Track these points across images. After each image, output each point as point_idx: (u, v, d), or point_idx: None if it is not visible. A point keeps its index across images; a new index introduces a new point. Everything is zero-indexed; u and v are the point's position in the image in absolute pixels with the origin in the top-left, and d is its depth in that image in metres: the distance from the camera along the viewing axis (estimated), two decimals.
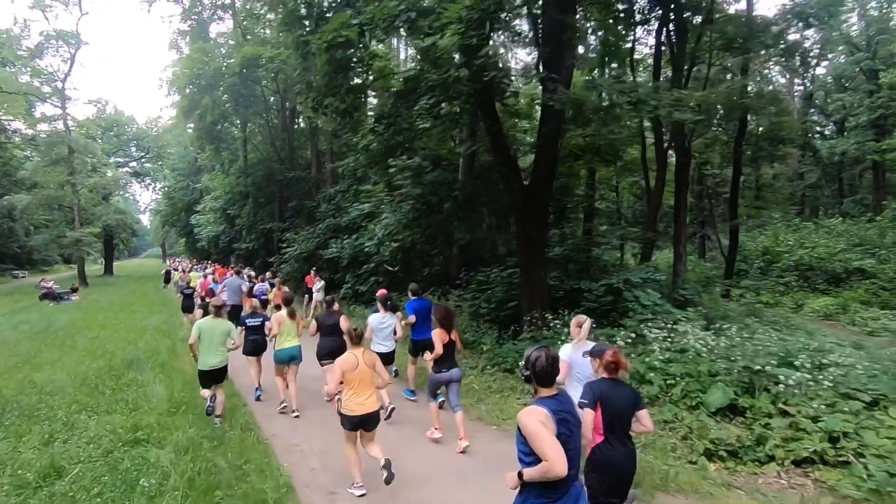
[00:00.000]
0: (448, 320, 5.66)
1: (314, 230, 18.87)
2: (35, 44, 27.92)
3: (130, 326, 13.61)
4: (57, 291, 21.10)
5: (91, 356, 9.80)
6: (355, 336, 4.65)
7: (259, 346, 7.46)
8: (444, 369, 5.58)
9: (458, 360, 5.86)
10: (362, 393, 4.44)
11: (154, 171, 49.35)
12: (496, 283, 11.92)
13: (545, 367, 2.68)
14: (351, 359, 4.47)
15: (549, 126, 8.58)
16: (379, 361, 4.72)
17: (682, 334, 7.23)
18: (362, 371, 4.45)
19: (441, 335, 5.53)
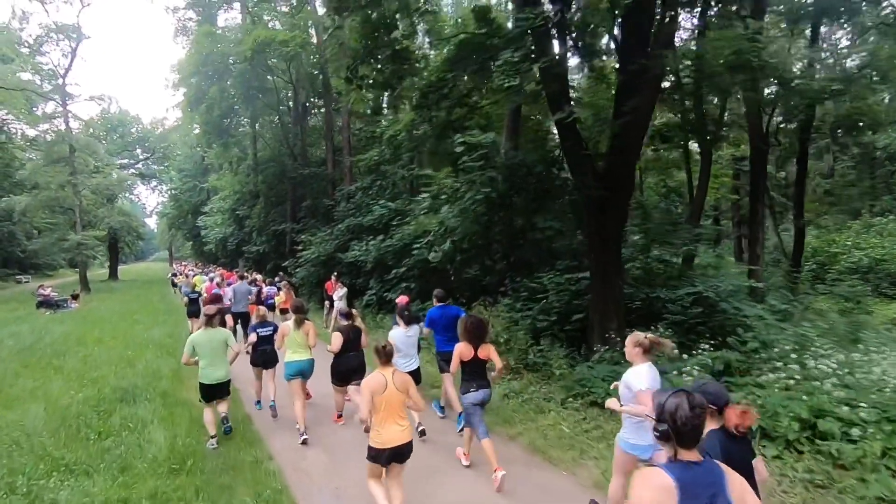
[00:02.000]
0: (474, 333, 4.80)
1: (332, 231, 17.20)
2: (34, 37, 26.50)
3: (130, 340, 11.98)
4: (55, 299, 19.59)
5: (79, 382, 8.16)
6: (384, 354, 3.97)
7: (269, 358, 6.82)
8: (473, 388, 4.78)
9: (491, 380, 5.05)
10: (392, 421, 3.79)
11: (160, 173, 48.09)
12: (552, 290, 10.22)
13: (689, 418, 2.02)
14: (379, 380, 3.81)
15: (641, 95, 6.83)
16: (412, 385, 4.01)
17: (851, 364, 5.46)
18: (392, 395, 3.79)
19: (463, 350, 4.75)
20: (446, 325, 6.34)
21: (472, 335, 4.78)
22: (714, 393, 2.76)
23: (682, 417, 2.04)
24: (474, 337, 4.79)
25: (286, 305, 11.57)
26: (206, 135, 22.26)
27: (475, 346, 4.78)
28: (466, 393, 4.81)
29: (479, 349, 4.80)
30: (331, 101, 19.48)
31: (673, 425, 2.05)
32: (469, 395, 4.79)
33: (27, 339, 12.36)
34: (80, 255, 27.49)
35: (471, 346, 4.76)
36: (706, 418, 2.17)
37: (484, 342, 4.87)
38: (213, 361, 5.63)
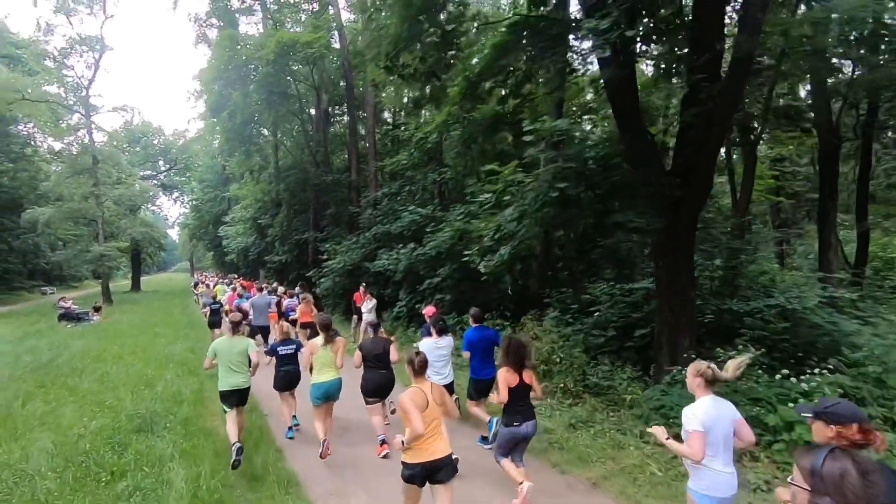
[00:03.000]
0: (518, 356, 4.38)
1: (357, 239, 16.44)
2: (59, 49, 26.53)
3: (150, 357, 11.31)
4: (76, 312, 19.16)
5: (93, 407, 7.43)
6: (419, 365, 3.73)
7: (293, 379, 6.42)
8: (518, 421, 4.31)
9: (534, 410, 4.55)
10: (430, 435, 3.50)
11: (182, 184, 48.26)
12: (605, 302, 9.25)
13: (861, 491, 1.52)
14: (419, 395, 3.56)
15: (728, 79, 5.87)
16: (447, 395, 3.80)
17: None
18: (432, 410, 3.56)
19: (508, 376, 4.33)
20: (485, 350, 5.93)
21: (515, 358, 4.34)
22: (848, 415, 2.29)
23: (853, 490, 1.54)
24: (518, 360, 4.34)
25: (305, 319, 11.30)
26: (227, 142, 21.82)
27: (520, 371, 4.34)
28: (511, 426, 4.30)
29: (524, 374, 4.35)
30: (354, 105, 18.85)
31: (842, 500, 1.54)
32: (514, 428, 4.29)
33: (45, 355, 11.79)
34: (103, 267, 27.28)
35: (515, 370, 4.32)
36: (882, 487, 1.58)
37: (526, 366, 4.41)
38: (231, 368, 5.50)
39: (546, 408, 7.15)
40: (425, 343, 5.82)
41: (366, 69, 18.15)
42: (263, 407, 7.60)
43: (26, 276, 42.63)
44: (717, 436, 2.99)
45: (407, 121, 16.93)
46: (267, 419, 7.13)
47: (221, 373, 5.52)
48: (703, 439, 2.95)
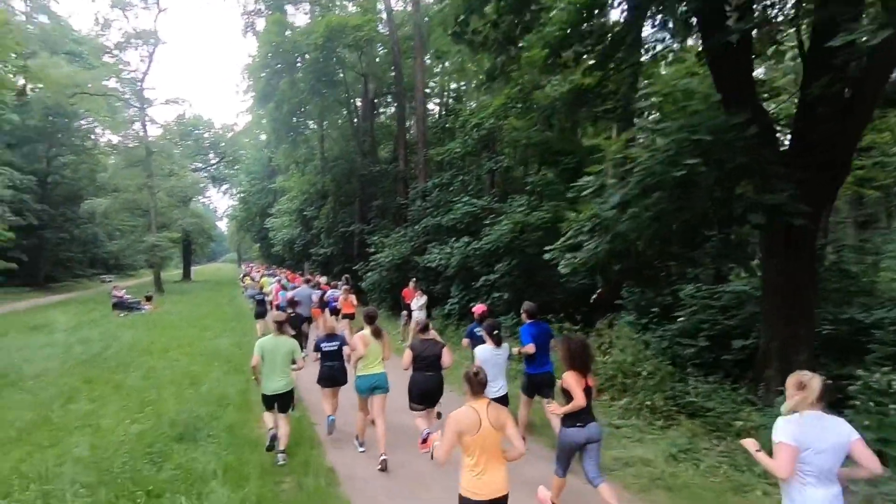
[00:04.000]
0: (583, 358, 4.11)
1: (406, 232, 15.73)
2: (115, 43, 27.14)
3: (197, 351, 10.98)
4: (128, 301, 19.42)
5: (137, 407, 6.98)
6: (477, 383, 3.15)
7: (337, 376, 6.12)
8: (579, 423, 4.02)
9: None
10: (488, 467, 3.03)
11: (230, 177, 49.24)
12: (691, 306, 8.08)
13: None
14: (470, 416, 3.04)
15: None
16: (510, 422, 3.17)
17: None
18: (487, 435, 3.02)
19: (576, 380, 4.01)
20: (541, 345, 5.62)
21: (580, 360, 4.04)
22: None
23: None
24: (582, 362, 4.06)
25: (347, 310, 11.27)
26: (274, 132, 21.59)
27: (584, 374, 4.04)
28: (571, 428, 4.01)
29: (588, 376, 4.07)
30: (403, 92, 18.11)
31: None
32: (573, 430, 4.00)
33: (95, 346, 11.67)
34: (155, 257, 27.91)
35: (579, 373, 4.01)
36: None
37: (591, 368, 4.17)
38: (274, 370, 5.35)
39: (632, 429, 6.16)
40: (483, 351, 5.27)
41: (415, 56, 17.44)
42: (312, 413, 6.94)
43: (87, 265, 44.59)
44: (815, 455, 2.62)
45: (459, 106, 16.02)
46: (315, 427, 6.47)
47: (265, 374, 5.36)
48: (792, 454, 2.61)
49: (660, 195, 4.09)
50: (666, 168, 3.77)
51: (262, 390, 5.41)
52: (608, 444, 5.75)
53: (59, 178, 36.54)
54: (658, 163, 3.89)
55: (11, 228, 27.27)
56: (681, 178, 3.68)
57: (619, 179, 4.43)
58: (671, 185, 3.87)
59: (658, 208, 4.16)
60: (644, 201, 4.17)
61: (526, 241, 10.65)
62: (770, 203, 4.15)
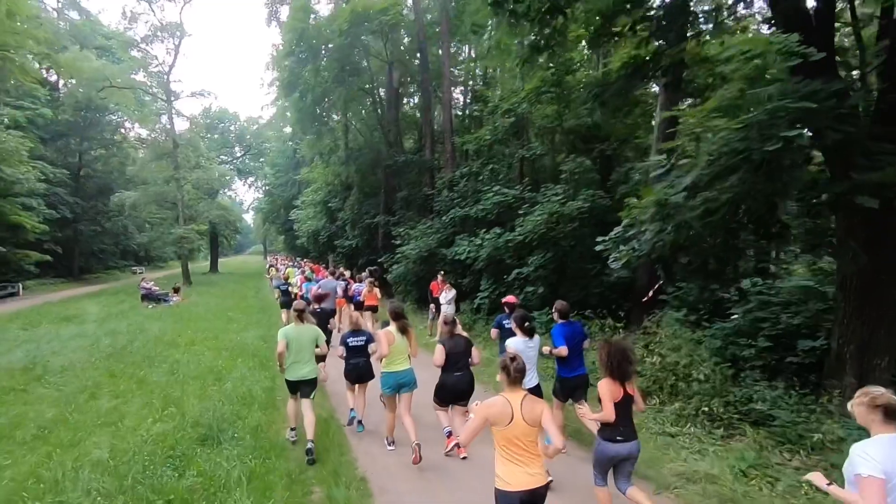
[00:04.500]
0: (622, 365, 3.64)
1: (432, 224, 15.26)
2: (142, 37, 27.29)
3: (222, 345, 10.78)
4: (156, 293, 19.52)
5: (160, 404, 6.72)
6: (514, 371, 2.97)
7: (363, 372, 5.96)
8: (619, 437, 3.65)
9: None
10: (524, 459, 2.88)
11: (255, 170, 49.64)
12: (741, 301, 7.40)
13: None
14: (502, 406, 2.88)
15: None
16: (549, 418, 2.96)
17: None
18: (519, 428, 2.85)
19: (612, 389, 3.63)
20: (574, 347, 5.30)
21: (618, 368, 3.67)
22: None
23: None
24: (621, 370, 3.68)
25: (371, 302, 11.14)
26: (298, 123, 21.35)
27: (623, 382, 3.69)
28: (609, 441, 3.71)
29: (627, 385, 3.72)
30: (429, 80, 17.57)
31: None
32: (613, 446, 3.69)
33: (122, 339, 11.60)
34: (182, 248, 28.15)
35: (617, 381, 3.68)
36: None
37: (631, 377, 3.76)
38: (299, 357, 5.36)
39: (689, 438, 5.59)
40: (515, 343, 5.02)
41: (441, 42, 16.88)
42: (341, 416, 6.57)
43: (119, 257, 45.67)
44: None
45: (488, 93, 15.41)
46: (344, 429, 6.10)
47: (290, 361, 5.34)
48: (881, 488, 2.26)
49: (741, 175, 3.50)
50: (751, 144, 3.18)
51: (287, 376, 5.37)
52: (665, 455, 5.22)
53: (90, 172, 37.31)
54: (739, 139, 3.30)
55: (46, 221, 27.95)
56: (773, 152, 3.09)
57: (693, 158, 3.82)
58: (758, 163, 3.28)
59: (738, 190, 3.57)
60: (721, 183, 3.58)
61: (561, 233, 10.08)
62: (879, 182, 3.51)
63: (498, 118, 12.99)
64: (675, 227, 4.21)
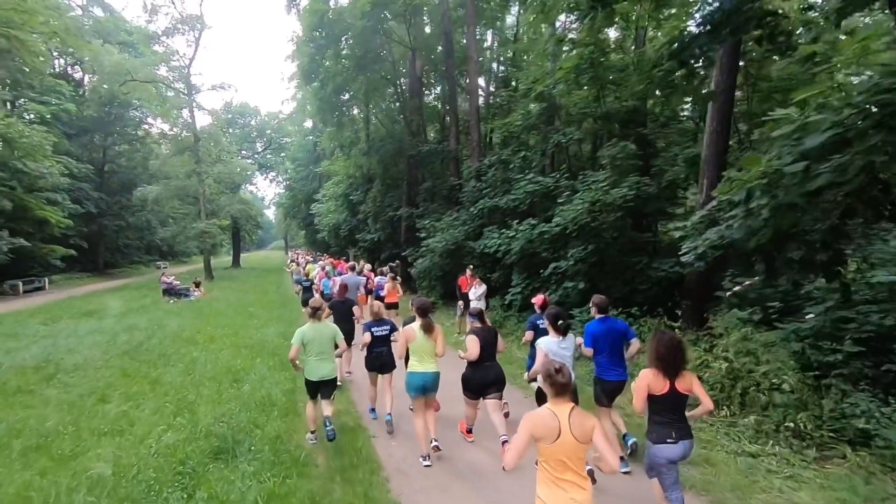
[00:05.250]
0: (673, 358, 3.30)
1: (458, 215, 14.53)
2: (163, 30, 27.05)
3: (241, 342, 10.27)
4: (178, 288, 19.26)
5: (172, 409, 6.17)
6: (559, 381, 2.65)
7: (385, 362, 5.86)
8: (669, 438, 3.31)
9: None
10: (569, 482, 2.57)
11: (276, 165, 49.56)
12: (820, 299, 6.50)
13: None
14: (549, 421, 2.59)
15: None
16: (599, 432, 2.65)
17: None
18: (567, 445, 2.56)
19: (652, 381, 3.34)
20: (612, 346, 4.86)
21: (667, 360, 3.33)
22: None
23: None
24: (671, 363, 3.34)
25: (392, 299, 10.69)
26: (318, 113, 20.80)
27: (671, 376, 3.34)
28: (660, 443, 3.36)
29: (678, 379, 3.34)
30: (454, 65, 16.79)
31: None
32: (663, 447, 3.35)
33: (140, 335, 11.19)
34: (204, 243, 28.00)
35: (664, 375, 3.34)
36: None
37: (684, 369, 3.39)
38: (319, 357, 5.16)
39: (776, 460, 4.76)
40: (547, 343, 4.64)
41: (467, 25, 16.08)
42: (369, 425, 5.92)
43: (143, 252, 46.17)
44: None
45: (519, 75, 14.54)
46: (374, 441, 5.45)
47: (309, 361, 5.15)
48: None
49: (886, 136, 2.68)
50: None
51: (307, 375, 5.17)
52: (752, 481, 4.41)
53: (114, 167, 37.61)
54: None
55: (71, 216, 28.12)
56: None
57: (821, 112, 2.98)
58: None
59: (873, 155, 2.74)
60: (861, 144, 2.75)
61: (604, 223, 9.25)
62: None
63: (529, 102, 12.16)
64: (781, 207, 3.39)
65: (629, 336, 4.94)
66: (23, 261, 25.33)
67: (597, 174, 9.73)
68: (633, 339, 4.96)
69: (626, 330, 4.97)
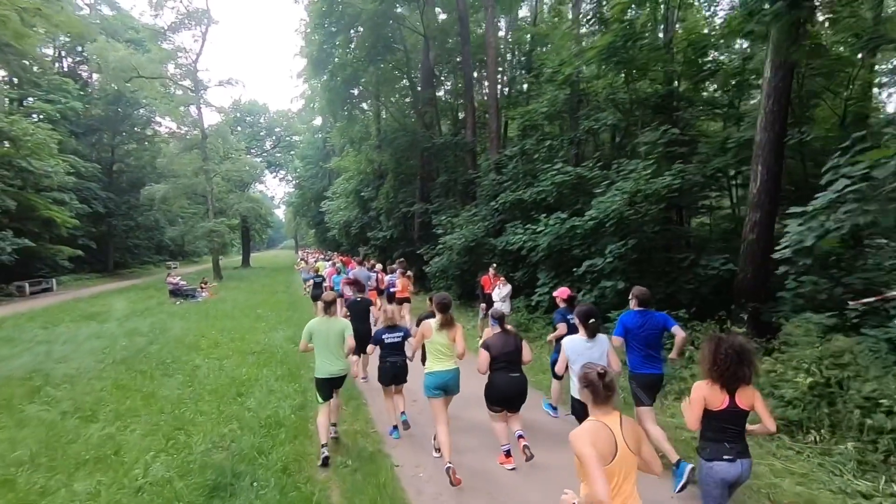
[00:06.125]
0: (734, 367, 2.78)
1: (477, 211, 13.67)
2: (168, 24, 26.46)
3: (248, 347, 9.52)
4: (184, 289, 18.61)
5: (167, 430, 5.39)
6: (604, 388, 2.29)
7: (399, 373, 5.29)
8: (729, 455, 2.84)
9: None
10: (628, 494, 2.24)
11: (286, 163, 49.00)
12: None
13: None
14: (604, 436, 2.22)
15: None
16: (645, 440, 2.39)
17: None
18: (625, 459, 2.23)
19: (708, 394, 2.86)
20: (648, 339, 4.48)
21: (728, 370, 2.76)
22: None
23: None
24: (732, 373, 2.76)
25: (403, 294, 10.27)
26: (328, 106, 20.01)
27: (731, 389, 2.80)
28: (714, 461, 2.83)
29: (739, 393, 2.81)
30: (470, 53, 15.91)
31: None
32: (718, 465, 2.82)
33: (141, 340, 10.48)
34: (213, 242, 27.43)
35: (722, 387, 2.80)
36: None
37: (747, 382, 2.81)
38: (328, 353, 4.92)
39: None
40: (573, 343, 4.21)
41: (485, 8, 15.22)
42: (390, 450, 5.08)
43: (153, 252, 45.82)
44: None
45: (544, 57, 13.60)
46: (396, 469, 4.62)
47: (318, 357, 4.93)
48: None
49: None
50: None
51: (317, 374, 4.92)
52: None
53: (123, 167, 37.23)
54: None
55: (79, 216, 27.65)
56: None
57: None
58: None
59: None
60: None
61: (646, 216, 8.33)
62: None
63: (555, 87, 11.24)
64: None
65: (669, 326, 4.52)
66: (30, 262, 24.90)
67: (632, 163, 8.81)
68: (673, 327, 4.54)
69: (664, 321, 4.53)
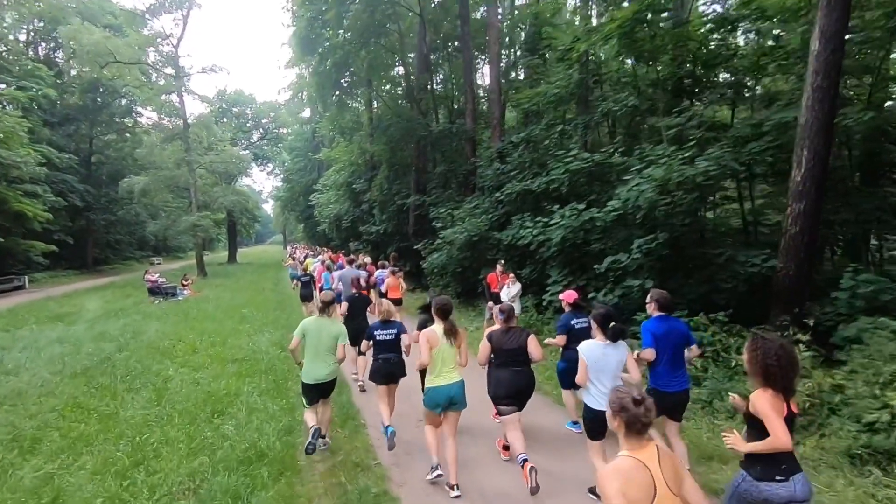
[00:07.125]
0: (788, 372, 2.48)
1: (479, 203, 12.72)
2: (147, 6, 25.03)
3: (230, 353, 8.51)
4: (164, 287, 17.43)
5: (123, 465, 4.39)
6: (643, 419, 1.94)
7: (394, 371, 5.00)
8: (781, 476, 2.42)
9: None
10: None
11: (274, 155, 47.55)
12: None
13: None
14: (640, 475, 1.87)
15: None
16: (687, 473, 2.07)
17: None
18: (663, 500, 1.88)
19: (773, 403, 2.46)
20: (675, 349, 4.00)
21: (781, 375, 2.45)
22: None
23: None
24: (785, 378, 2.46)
25: (394, 294, 9.68)
26: (318, 93, 18.84)
27: (788, 396, 2.50)
28: (766, 482, 2.41)
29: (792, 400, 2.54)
30: (470, 33, 14.90)
31: None
32: (772, 486, 2.41)
33: (109, 346, 9.38)
34: (196, 237, 26.15)
35: (780, 394, 2.47)
36: None
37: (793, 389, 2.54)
38: (318, 356, 4.62)
39: None
40: (590, 349, 3.73)
41: None
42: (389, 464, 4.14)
43: (136, 247, 44.19)
44: None
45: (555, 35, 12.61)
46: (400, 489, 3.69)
47: (307, 359, 4.68)
48: None
49: None
50: None
51: (303, 377, 4.69)
52: None
53: (102, 158, 35.63)
54: None
55: (54, 210, 26.17)
56: None
57: None
58: None
59: None
60: None
61: (677, 207, 7.43)
62: None
63: (566, 67, 10.30)
64: None
65: (690, 341, 4.20)
66: (0, 258, 23.49)
67: (658, 148, 7.90)
68: (693, 345, 4.26)
69: (687, 334, 4.20)
